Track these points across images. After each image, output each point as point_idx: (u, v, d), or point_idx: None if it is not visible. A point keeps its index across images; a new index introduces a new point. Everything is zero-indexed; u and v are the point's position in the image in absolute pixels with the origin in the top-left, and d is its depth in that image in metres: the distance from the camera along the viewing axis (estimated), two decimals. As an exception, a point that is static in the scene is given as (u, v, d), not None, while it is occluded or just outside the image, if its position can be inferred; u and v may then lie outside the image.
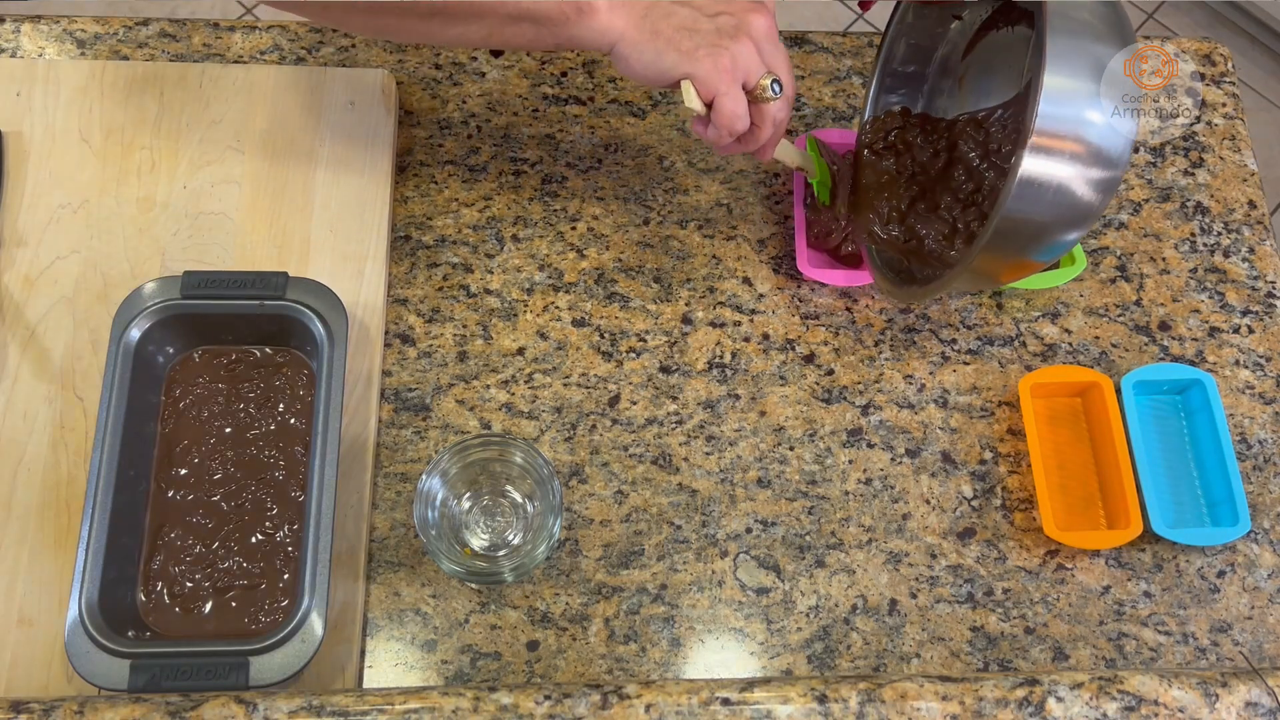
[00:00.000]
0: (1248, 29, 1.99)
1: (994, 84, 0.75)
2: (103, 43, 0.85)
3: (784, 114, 0.66)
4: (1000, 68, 0.75)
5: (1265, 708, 0.59)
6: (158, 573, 0.67)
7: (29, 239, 0.77)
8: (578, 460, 0.75)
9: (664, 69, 0.62)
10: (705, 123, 0.65)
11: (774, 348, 0.79)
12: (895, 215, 0.75)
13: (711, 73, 0.62)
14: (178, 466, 0.70)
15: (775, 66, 0.64)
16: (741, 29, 0.62)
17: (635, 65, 0.63)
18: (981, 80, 0.76)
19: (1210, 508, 0.76)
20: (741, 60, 0.62)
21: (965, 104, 0.77)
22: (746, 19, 0.63)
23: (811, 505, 0.75)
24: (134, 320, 0.69)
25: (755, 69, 0.63)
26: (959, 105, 0.78)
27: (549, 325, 0.79)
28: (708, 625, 0.71)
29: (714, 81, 0.62)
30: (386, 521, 0.73)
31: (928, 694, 0.59)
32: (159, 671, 0.61)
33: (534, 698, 0.57)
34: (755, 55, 0.63)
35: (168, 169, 0.80)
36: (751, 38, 0.63)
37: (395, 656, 0.69)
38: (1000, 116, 0.74)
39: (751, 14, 0.63)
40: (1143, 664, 0.72)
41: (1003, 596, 0.73)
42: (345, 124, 0.82)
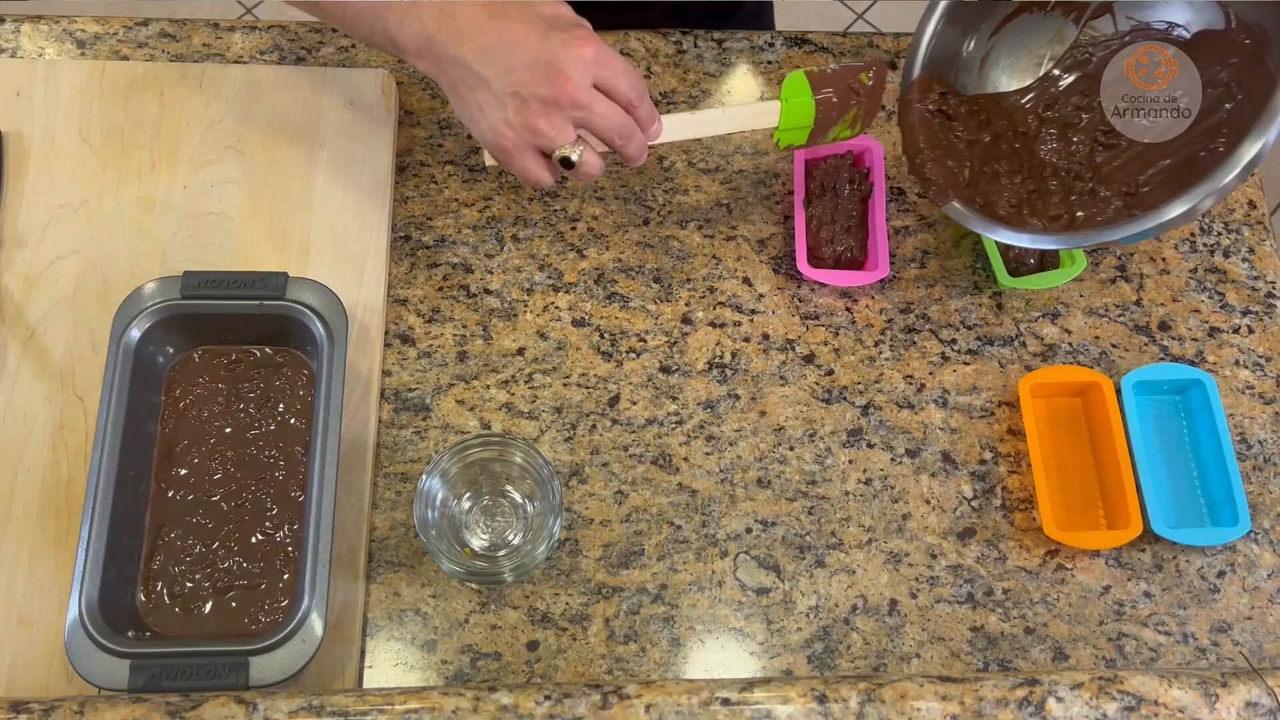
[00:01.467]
0: (1248, 29, 1.98)
1: (1016, 66, 0.77)
2: (103, 43, 0.85)
3: (598, 168, 0.63)
4: (1022, 50, 0.76)
5: (1265, 708, 0.59)
6: (158, 573, 0.67)
7: (29, 239, 0.77)
8: (578, 460, 0.75)
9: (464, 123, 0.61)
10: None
11: (774, 348, 0.79)
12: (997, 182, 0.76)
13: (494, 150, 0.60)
14: (178, 466, 0.70)
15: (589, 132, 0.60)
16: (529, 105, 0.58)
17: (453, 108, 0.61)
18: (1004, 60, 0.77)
19: (1210, 508, 0.76)
20: (525, 137, 0.59)
21: (985, 83, 0.78)
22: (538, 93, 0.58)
23: (811, 505, 0.75)
24: (134, 320, 0.69)
25: (549, 143, 0.60)
26: (979, 83, 0.78)
27: (549, 325, 0.79)
28: (708, 625, 0.71)
29: (498, 156, 0.60)
30: (386, 521, 0.73)
31: (928, 694, 0.59)
32: (159, 671, 0.61)
33: (534, 698, 0.57)
34: (547, 130, 0.59)
35: (168, 169, 0.80)
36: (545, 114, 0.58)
37: (395, 656, 0.69)
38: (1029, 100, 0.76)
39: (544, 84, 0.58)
40: (1143, 664, 0.72)
41: (1003, 596, 0.73)
42: (345, 124, 0.82)
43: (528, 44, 0.58)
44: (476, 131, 0.61)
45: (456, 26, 0.58)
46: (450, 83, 0.60)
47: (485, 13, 0.58)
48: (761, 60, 0.89)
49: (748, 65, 0.89)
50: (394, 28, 0.59)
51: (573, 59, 0.58)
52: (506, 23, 0.58)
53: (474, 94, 0.59)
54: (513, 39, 0.58)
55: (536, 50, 0.58)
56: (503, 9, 0.58)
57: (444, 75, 0.60)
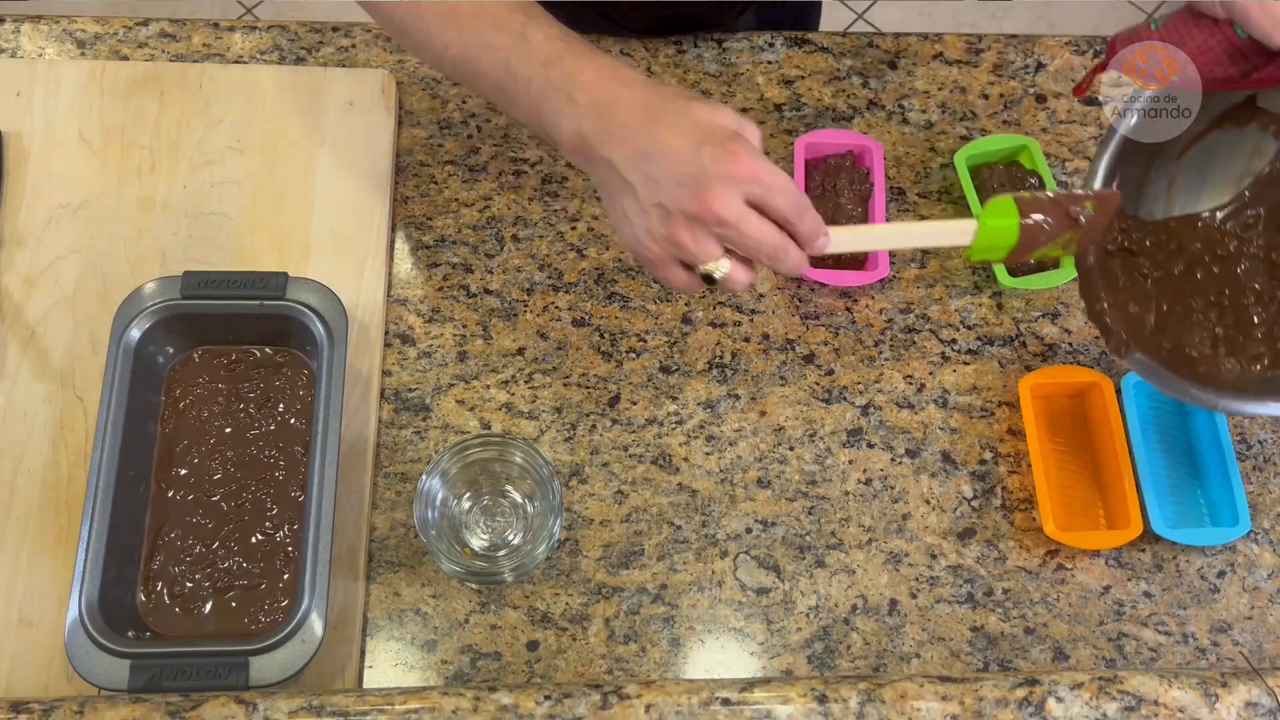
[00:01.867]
0: (1248, 29, 1.98)
1: (1206, 186, 0.70)
2: (103, 43, 0.85)
3: (746, 280, 0.60)
4: (1213, 171, 0.70)
5: (1265, 708, 0.59)
6: (158, 573, 0.67)
7: (29, 239, 0.77)
8: (578, 460, 0.75)
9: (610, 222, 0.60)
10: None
11: (774, 348, 0.79)
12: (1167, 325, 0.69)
13: (637, 258, 0.58)
14: (178, 466, 0.70)
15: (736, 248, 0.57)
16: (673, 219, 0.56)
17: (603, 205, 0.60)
18: (1194, 181, 0.71)
19: (1210, 508, 0.76)
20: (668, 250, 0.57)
21: (1174, 207, 0.71)
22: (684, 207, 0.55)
23: (811, 505, 0.75)
24: (134, 320, 0.69)
25: (692, 257, 0.57)
26: (1166, 208, 0.71)
27: (549, 325, 0.79)
28: (708, 625, 0.71)
29: (640, 262, 0.58)
30: (386, 521, 0.73)
31: (928, 694, 0.59)
32: (159, 671, 0.61)
33: (534, 698, 0.57)
34: (690, 245, 0.56)
35: (168, 169, 0.80)
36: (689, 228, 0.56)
37: (395, 656, 0.69)
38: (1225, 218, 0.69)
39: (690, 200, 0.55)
40: (1143, 664, 0.72)
41: (1003, 596, 0.73)
42: (345, 124, 0.82)
43: (678, 156, 0.55)
44: (621, 235, 0.59)
45: (610, 128, 0.56)
46: (600, 182, 0.59)
47: (641, 115, 0.56)
48: (762, 61, 0.89)
49: (748, 65, 0.89)
50: (550, 123, 0.58)
51: (723, 176, 0.55)
52: (660, 130, 0.55)
53: (621, 199, 0.57)
54: (664, 149, 0.55)
55: (687, 164, 0.55)
56: (659, 113, 0.56)
57: (594, 173, 0.59)
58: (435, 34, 0.61)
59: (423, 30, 0.62)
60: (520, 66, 0.58)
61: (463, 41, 0.60)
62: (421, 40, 0.63)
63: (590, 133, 0.57)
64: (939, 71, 0.90)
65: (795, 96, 0.88)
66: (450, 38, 0.61)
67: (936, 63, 0.90)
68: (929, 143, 0.88)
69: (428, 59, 0.65)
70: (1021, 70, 0.91)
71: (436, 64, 0.64)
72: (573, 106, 0.57)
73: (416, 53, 0.66)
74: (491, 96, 0.62)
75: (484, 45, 0.60)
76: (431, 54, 0.63)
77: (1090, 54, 0.91)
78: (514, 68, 0.59)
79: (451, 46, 0.61)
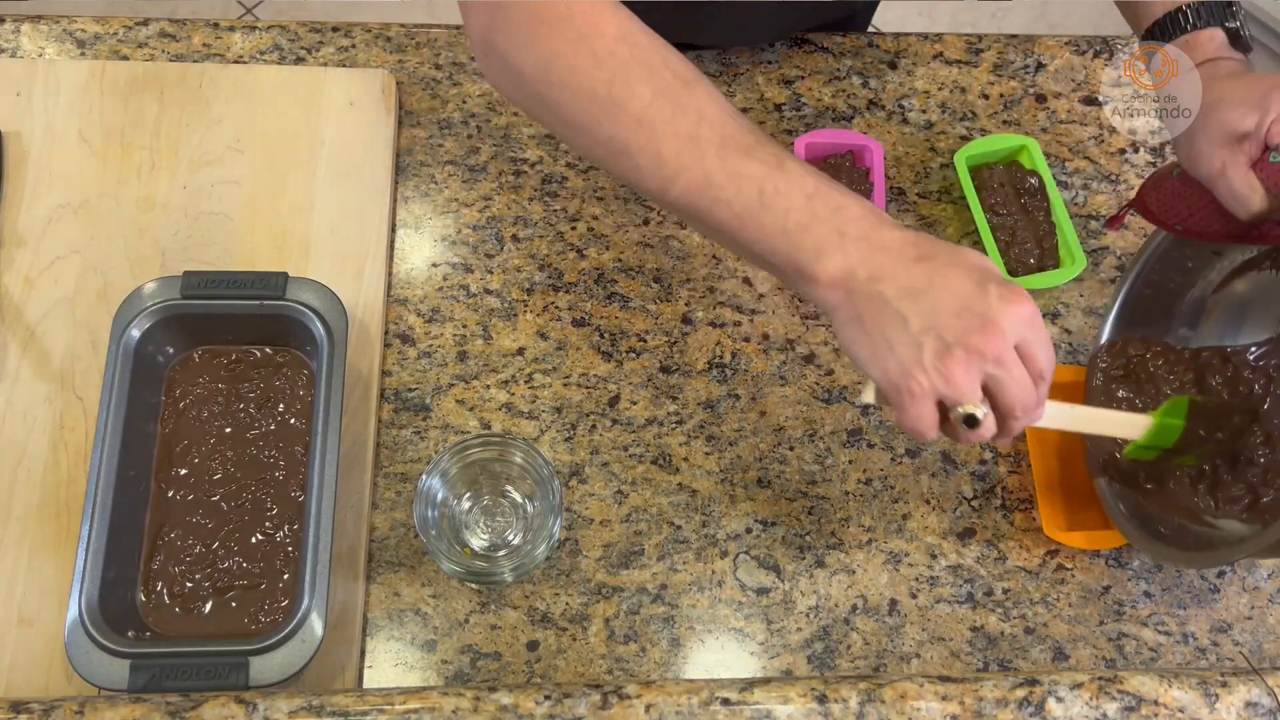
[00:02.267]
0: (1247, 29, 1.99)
1: (1245, 323, 0.70)
2: (103, 43, 0.85)
3: (991, 433, 0.57)
4: (1255, 308, 0.70)
5: (1265, 708, 0.59)
6: (158, 573, 0.67)
7: (29, 239, 0.77)
8: (578, 460, 0.75)
9: (857, 360, 0.56)
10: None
11: (774, 348, 0.79)
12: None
13: (893, 391, 0.55)
14: (178, 466, 0.70)
15: (994, 395, 0.55)
16: (950, 352, 0.53)
17: (839, 340, 0.57)
18: (1231, 317, 0.71)
19: (1210, 508, 0.76)
20: (935, 385, 0.54)
21: (1208, 338, 0.71)
22: (962, 340, 0.53)
23: (811, 505, 0.75)
24: (134, 320, 0.69)
25: (954, 396, 0.54)
26: (1200, 339, 0.72)
27: (549, 325, 0.79)
28: (708, 625, 0.71)
29: (894, 398, 0.56)
30: (386, 521, 0.73)
31: (928, 694, 0.59)
32: (159, 671, 0.61)
33: (534, 698, 0.57)
34: (960, 383, 0.54)
35: (168, 169, 0.80)
36: (962, 363, 0.54)
37: (395, 656, 0.69)
38: (1252, 356, 0.69)
39: (972, 334, 0.53)
40: (1143, 664, 0.72)
41: (1003, 596, 0.73)
42: (345, 124, 0.82)
43: (960, 290, 0.54)
44: (877, 367, 0.55)
45: (881, 263, 0.55)
46: (855, 315, 0.55)
47: (913, 252, 0.55)
48: (762, 61, 0.89)
49: (748, 66, 0.89)
50: (810, 257, 0.55)
51: (1009, 314, 0.53)
52: (937, 265, 0.55)
53: (887, 330, 0.54)
54: (944, 283, 0.54)
55: (970, 298, 0.54)
56: (931, 252, 0.55)
57: (850, 307, 0.55)
58: (670, 158, 0.56)
59: (654, 153, 0.57)
60: (777, 197, 0.56)
61: (705, 167, 0.56)
62: (648, 164, 0.57)
63: (858, 267, 0.55)
64: (939, 71, 0.90)
65: (795, 96, 0.88)
66: (689, 162, 0.56)
67: (936, 63, 0.90)
68: (929, 143, 0.88)
69: (648, 183, 0.58)
70: (1021, 70, 0.91)
71: (660, 189, 0.58)
72: (841, 240, 0.55)
73: (629, 175, 0.58)
74: (727, 226, 0.57)
75: (732, 172, 0.56)
76: (656, 179, 0.57)
77: (1090, 54, 0.92)
78: (769, 197, 0.56)
79: (689, 171, 0.56)
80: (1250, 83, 0.62)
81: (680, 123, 0.56)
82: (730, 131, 0.57)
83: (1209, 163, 0.63)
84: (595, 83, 0.57)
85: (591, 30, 0.57)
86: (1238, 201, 0.62)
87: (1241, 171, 0.62)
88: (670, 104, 0.56)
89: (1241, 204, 0.62)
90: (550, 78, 0.57)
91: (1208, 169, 0.64)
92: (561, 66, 0.57)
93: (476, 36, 0.60)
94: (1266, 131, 0.60)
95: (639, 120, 0.56)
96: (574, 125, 0.58)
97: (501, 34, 0.58)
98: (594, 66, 0.57)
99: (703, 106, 0.57)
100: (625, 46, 0.57)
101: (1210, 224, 0.66)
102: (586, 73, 0.57)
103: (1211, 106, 0.63)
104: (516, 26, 0.57)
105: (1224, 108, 0.62)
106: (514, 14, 0.57)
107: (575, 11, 0.57)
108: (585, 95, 0.57)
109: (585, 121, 0.58)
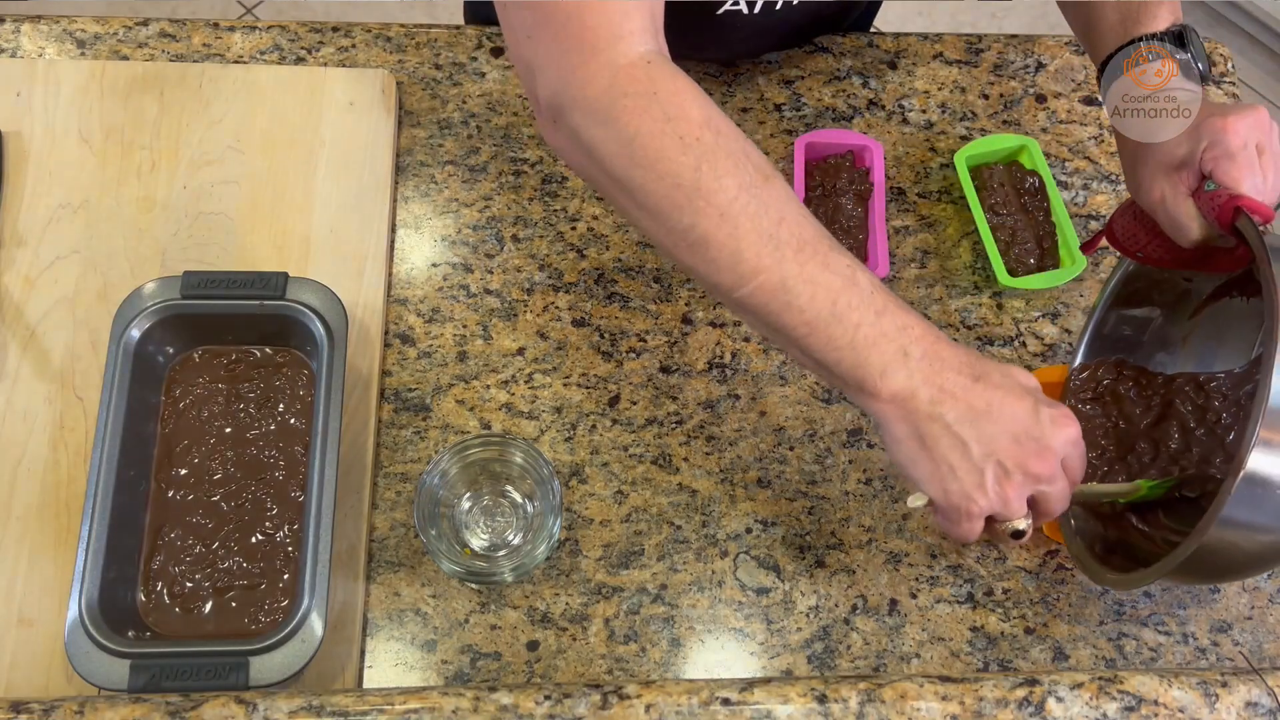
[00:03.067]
0: (1248, 29, 1.99)
1: (1221, 350, 0.70)
2: (103, 43, 0.85)
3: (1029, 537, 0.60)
4: (1230, 335, 0.70)
5: (1265, 708, 0.59)
6: (158, 573, 0.67)
7: (29, 239, 0.77)
8: (578, 460, 0.75)
9: (915, 478, 0.57)
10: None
11: (774, 348, 0.79)
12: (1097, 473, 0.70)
13: (953, 511, 0.57)
14: (178, 466, 0.70)
15: (1038, 509, 0.58)
16: (1010, 477, 0.56)
17: (891, 453, 0.58)
18: (1207, 344, 0.71)
19: (1210, 508, 0.76)
20: (994, 507, 0.56)
21: (1185, 364, 0.71)
22: (1022, 466, 0.56)
23: (811, 505, 0.75)
24: (134, 320, 0.69)
25: (1006, 514, 0.57)
26: (1177, 364, 0.72)
27: (549, 325, 0.79)
28: (708, 625, 0.71)
29: (952, 517, 0.57)
30: (386, 521, 0.73)
31: (928, 694, 0.59)
32: (159, 671, 0.61)
33: (534, 698, 0.57)
34: (1013, 502, 0.56)
35: (168, 169, 0.80)
36: (1018, 485, 0.56)
37: (395, 656, 0.69)
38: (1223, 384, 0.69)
39: (1031, 460, 0.56)
40: (1143, 664, 0.72)
41: (1003, 596, 0.73)
42: (345, 124, 0.82)
43: (1018, 416, 0.56)
44: (937, 487, 0.57)
45: (943, 384, 0.56)
46: (914, 434, 0.56)
47: (969, 374, 0.56)
48: (762, 60, 0.89)
49: (748, 65, 0.89)
50: (873, 371, 0.56)
51: (1061, 437, 0.56)
52: (993, 391, 0.56)
53: (948, 455, 0.56)
54: (1003, 409, 0.56)
55: (1027, 424, 0.56)
56: (985, 374, 0.56)
57: (908, 424, 0.56)
58: (750, 257, 0.55)
59: (733, 250, 0.55)
60: (849, 310, 0.55)
61: (783, 271, 0.55)
62: (725, 259, 0.55)
63: (921, 387, 0.55)
64: (939, 71, 0.90)
65: (795, 96, 0.88)
66: (768, 264, 0.55)
67: (936, 63, 0.90)
68: (929, 143, 0.88)
69: (721, 278, 0.56)
70: (1021, 70, 0.91)
71: (733, 285, 0.56)
72: (906, 360, 0.55)
73: (701, 268, 0.56)
74: (795, 332, 0.56)
75: (808, 279, 0.55)
76: (732, 275, 0.55)
77: (1090, 54, 0.91)
78: (841, 310, 0.55)
79: (766, 273, 0.55)
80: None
81: (762, 221, 0.55)
82: (808, 237, 0.56)
83: (1149, 193, 0.64)
84: (682, 169, 0.54)
85: (678, 112, 0.54)
86: (1178, 230, 0.63)
87: (1180, 201, 0.62)
88: (754, 200, 0.55)
89: (1182, 233, 0.63)
90: (633, 157, 0.54)
91: (1148, 199, 0.64)
92: (647, 147, 0.54)
93: (544, 103, 0.57)
94: (1200, 160, 0.61)
95: (723, 213, 0.54)
96: (651, 210, 0.56)
97: (578, 107, 0.55)
98: (680, 152, 0.54)
99: (783, 206, 0.56)
100: (710, 133, 0.55)
101: (1165, 252, 0.67)
102: (673, 158, 0.54)
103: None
104: (596, 99, 0.54)
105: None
106: (592, 84, 0.54)
107: (660, 89, 0.55)
108: (670, 181, 0.54)
109: (666, 208, 0.55)
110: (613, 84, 0.54)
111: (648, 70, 0.55)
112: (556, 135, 0.58)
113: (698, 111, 0.55)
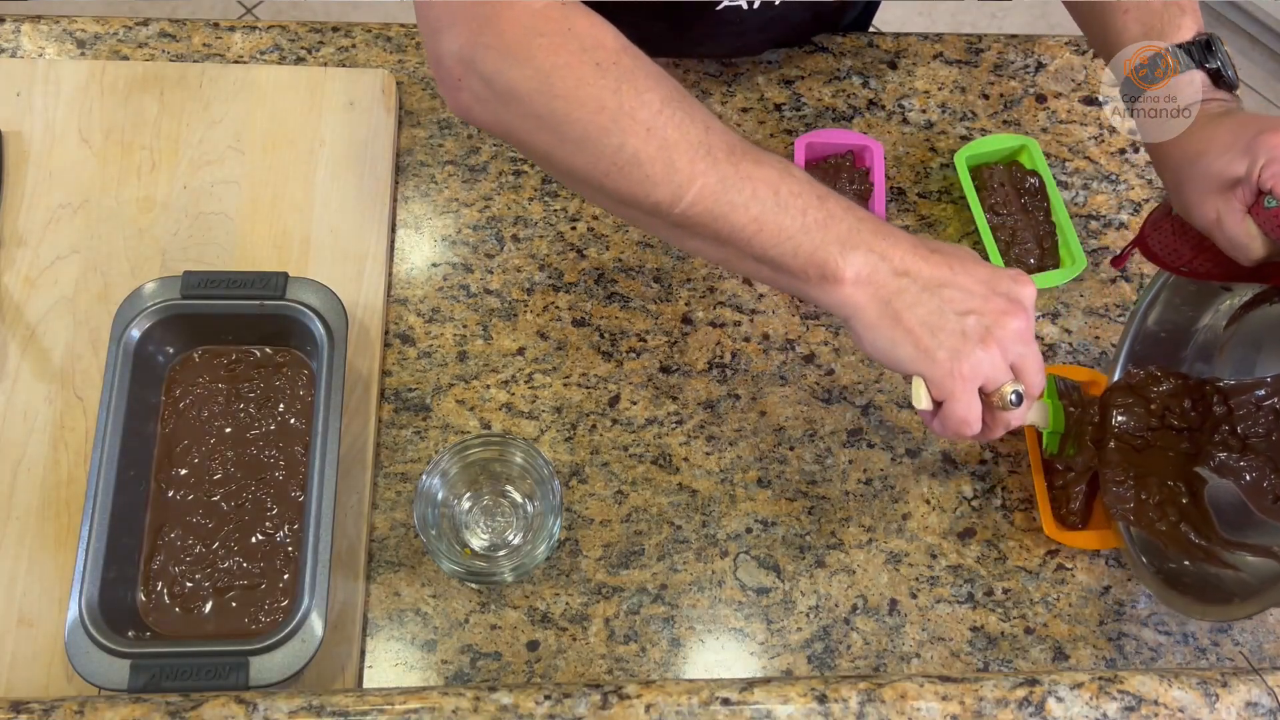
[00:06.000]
0: (1248, 29, 1.99)
1: (1259, 358, 0.69)
2: (103, 43, 0.85)
3: (1020, 418, 0.61)
4: (1269, 342, 0.69)
5: (1265, 708, 0.59)
6: (158, 573, 0.67)
7: (29, 239, 0.77)
8: (578, 460, 0.75)
9: (898, 359, 0.57)
10: (932, 415, 0.60)
11: (774, 348, 0.79)
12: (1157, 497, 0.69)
13: (946, 377, 0.57)
14: (178, 466, 0.70)
15: (1023, 373, 0.59)
16: (991, 333, 0.57)
17: (867, 344, 0.57)
18: (1245, 352, 0.70)
19: (1210, 508, 0.76)
20: (983, 367, 0.57)
21: (1222, 373, 0.70)
22: (998, 321, 0.57)
23: (811, 505, 0.75)
24: (134, 320, 0.69)
25: (997, 377, 0.58)
26: (1215, 373, 0.71)
27: (549, 325, 0.79)
28: (708, 625, 0.71)
29: (948, 385, 0.57)
30: (386, 521, 0.73)
31: (928, 694, 0.59)
32: (159, 671, 0.61)
33: (534, 698, 0.57)
34: (1000, 363, 0.57)
35: (168, 169, 0.80)
36: (1000, 343, 0.57)
37: (395, 656, 0.69)
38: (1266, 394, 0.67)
39: (1005, 315, 0.57)
40: (1143, 664, 0.72)
41: (1003, 596, 0.73)
42: (345, 124, 0.82)
43: (979, 276, 0.57)
44: (925, 359, 0.57)
45: (902, 257, 0.56)
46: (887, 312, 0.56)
47: (924, 248, 0.57)
48: (762, 60, 0.89)
49: (748, 65, 0.89)
50: (835, 253, 0.56)
51: (1026, 294, 0.58)
52: (951, 258, 0.57)
53: (927, 318, 0.56)
54: (964, 272, 0.57)
55: (992, 283, 0.57)
56: (937, 247, 0.58)
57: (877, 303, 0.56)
58: (683, 165, 0.55)
59: (666, 161, 0.55)
60: (792, 198, 0.56)
61: (720, 173, 0.55)
62: (660, 172, 0.55)
63: (881, 261, 0.56)
64: (939, 71, 0.90)
65: (795, 96, 0.88)
66: (702, 168, 0.55)
67: (936, 63, 0.90)
68: (929, 143, 0.88)
69: (659, 194, 0.56)
70: (1021, 70, 0.91)
71: (672, 198, 0.56)
72: (861, 235, 0.56)
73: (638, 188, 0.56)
74: (744, 232, 0.56)
75: (745, 175, 0.56)
76: (669, 187, 0.56)
77: (1090, 54, 0.91)
78: (785, 198, 0.56)
79: (703, 177, 0.55)
80: (1234, 128, 0.62)
81: (690, 130, 0.55)
82: (735, 140, 0.57)
83: (1203, 214, 0.63)
84: (603, 91, 0.55)
85: (593, 43, 0.55)
86: (1238, 250, 0.62)
87: (1238, 220, 0.61)
88: (679, 110, 0.56)
89: (1242, 252, 0.62)
90: (552, 89, 0.55)
91: (1202, 220, 0.63)
92: (566, 78, 0.55)
93: (452, 57, 0.57)
94: (1258, 177, 0.60)
95: (649, 128, 0.55)
96: (577, 140, 0.56)
97: (492, 51, 0.55)
98: (599, 76, 0.55)
99: (707, 116, 0.57)
100: (629, 58, 0.56)
101: (1215, 266, 0.66)
102: (592, 82, 0.55)
103: (1197, 156, 0.62)
104: (511, 41, 0.55)
105: (1210, 156, 0.62)
106: (507, 30, 0.55)
107: (576, 25, 0.56)
108: (593, 105, 0.55)
109: (593, 133, 0.55)
110: (529, 25, 0.55)
111: (563, 10, 0.56)
112: (463, 93, 0.57)
113: (613, 41, 0.56)
